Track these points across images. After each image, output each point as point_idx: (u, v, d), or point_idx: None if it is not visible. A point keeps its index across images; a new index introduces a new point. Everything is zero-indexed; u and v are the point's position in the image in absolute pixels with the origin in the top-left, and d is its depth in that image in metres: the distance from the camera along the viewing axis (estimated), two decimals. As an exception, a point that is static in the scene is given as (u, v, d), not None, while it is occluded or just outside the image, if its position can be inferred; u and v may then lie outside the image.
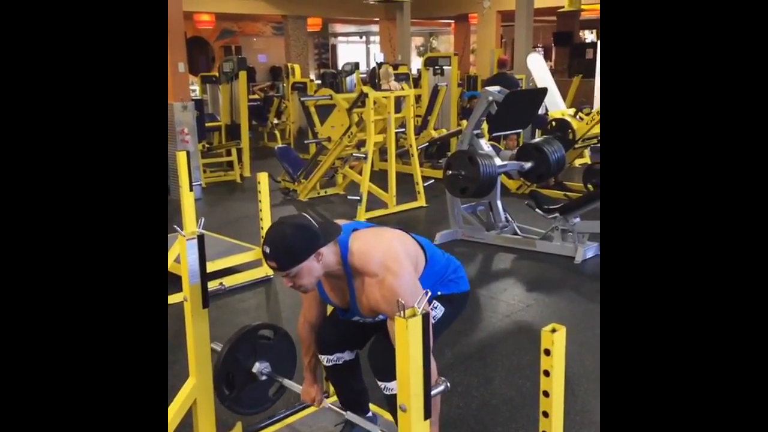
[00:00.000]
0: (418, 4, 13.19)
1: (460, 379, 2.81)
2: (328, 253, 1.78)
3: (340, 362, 2.10)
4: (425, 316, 1.35)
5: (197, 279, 2.00)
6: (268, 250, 1.74)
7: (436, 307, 1.95)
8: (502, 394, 2.70)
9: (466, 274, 2.09)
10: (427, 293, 1.41)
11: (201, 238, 2.00)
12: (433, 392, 1.44)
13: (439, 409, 1.95)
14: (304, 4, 13.80)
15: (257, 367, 2.18)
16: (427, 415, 1.40)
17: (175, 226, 2.12)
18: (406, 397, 1.37)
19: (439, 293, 1.96)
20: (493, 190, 4.74)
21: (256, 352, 2.19)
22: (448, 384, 1.55)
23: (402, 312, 1.33)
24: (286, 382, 2.22)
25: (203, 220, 2.17)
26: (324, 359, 2.12)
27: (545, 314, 3.57)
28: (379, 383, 1.93)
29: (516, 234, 4.86)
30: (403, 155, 6.92)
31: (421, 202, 6.13)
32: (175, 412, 2.06)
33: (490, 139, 6.86)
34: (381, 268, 1.75)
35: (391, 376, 1.81)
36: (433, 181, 6.47)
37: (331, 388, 2.39)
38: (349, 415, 2.09)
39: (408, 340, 1.34)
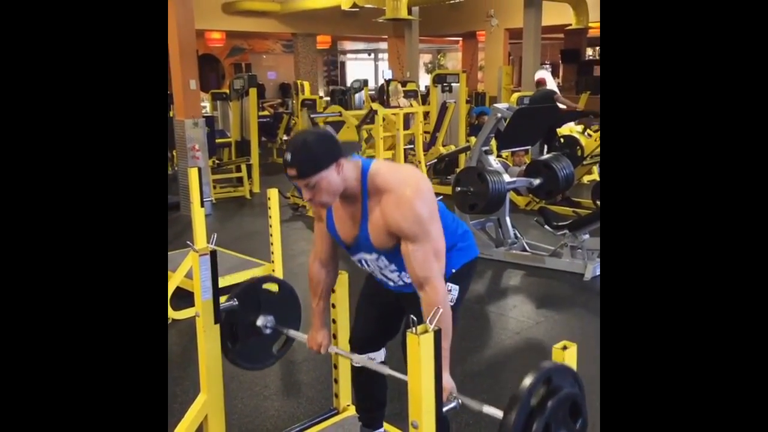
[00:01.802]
0: (427, 22, 13.31)
1: (470, 396, 2.79)
2: (349, 167, 1.74)
3: (371, 365, 2.06)
4: (437, 333, 1.36)
5: (209, 295, 2.02)
6: (289, 156, 1.68)
7: (450, 290, 1.89)
8: (512, 411, 2.69)
9: (475, 290, 2.08)
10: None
11: (213, 254, 2.02)
12: (444, 409, 1.44)
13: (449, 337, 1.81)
14: (314, 22, 13.95)
15: (262, 320, 2.16)
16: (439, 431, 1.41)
17: (188, 242, 2.14)
18: (418, 413, 1.38)
19: (453, 270, 1.90)
20: (502, 206, 4.75)
21: (261, 306, 2.17)
22: (460, 401, 1.55)
23: (414, 329, 1.34)
24: (292, 332, 2.19)
25: (215, 236, 2.18)
26: (355, 359, 2.05)
27: (555, 331, 3.55)
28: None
29: (525, 250, 4.86)
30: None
31: (430, 218, 6.13)
32: (186, 427, 2.07)
33: (498, 156, 6.91)
34: (401, 185, 1.71)
35: None
36: (441, 197, 6.44)
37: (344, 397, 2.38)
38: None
39: (420, 356, 1.34)
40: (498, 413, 1.47)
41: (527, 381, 1.39)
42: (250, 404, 2.83)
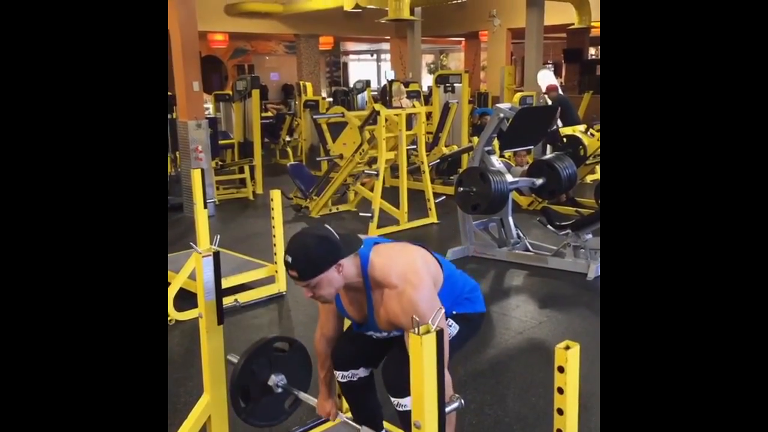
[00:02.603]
0: (429, 23, 13.30)
1: (473, 397, 2.80)
2: (349, 264, 1.81)
3: (355, 379, 2.11)
4: (440, 333, 1.36)
5: (212, 296, 2.03)
6: (290, 259, 1.76)
7: (451, 326, 1.96)
8: (515, 411, 2.69)
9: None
10: (441, 309, 1.42)
11: (216, 255, 2.02)
12: (447, 409, 1.44)
13: (454, 425, 1.95)
14: (316, 23, 13.96)
15: (273, 379, 2.18)
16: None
17: (192, 243, 2.14)
18: (420, 413, 1.38)
19: (454, 312, 1.97)
20: (505, 206, 4.75)
21: (272, 365, 2.19)
22: (462, 401, 1.55)
23: (417, 328, 1.35)
24: (302, 395, 2.22)
25: (218, 237, 2.19)
26: (339, 375, 2.12)
27: (558, 331, 3.55)
28: (392, 399, 1.93)
29: (528, 250, 4.86)
30: (414, 172, 6.95)
31: (433, 218, 6.14)
32: (189, 428, 2.07)
33: (501, 156, 6.91)
34: (401, 280, 1.77)
35: (404, 392, 1.82)
36: (444, 197, 6.49)
37: (345, 404, 2.39)
38: (364, 430, 2.08)
39: (422, 357, 1.35)
40: None
41: None
42: (254, 405, 2.83)
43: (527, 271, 4.66)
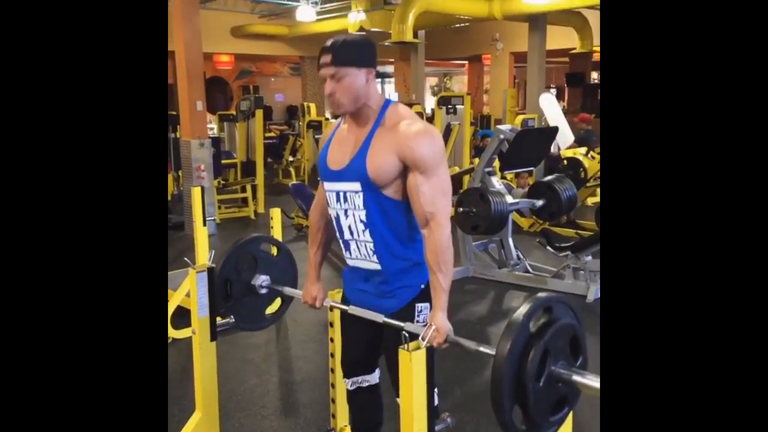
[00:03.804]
0: (433, 46, 13.45)
1: (469, 418, 2.77)
2: (376, 89, 1.73)
3: (365, 386, 2.04)
4: (429, 350, 1.35)
5: (206, 312, 2.02)
6: (329, 42, 1.69)
7: (421, 310, 1.82)
8: (512, 433, 2.66)
9: (477, 311, 2.07)
10: (431, 326, 1.41)
11: (211, 271, 2.03)
12: (437, 429, 1.43)
13: (450, 275, 1.74)
14: (321, 46, 14.11)
15: (257, 279, 2.15)
16: (431, 450, 1.39)
17: (186, 259, 2.14)
18: (409, 429, 1.37)
19: (422, 286, 1.82)
20: (505, 227, 4.75)
21: (258, 265, 2.16)
22: (453, 420, 1.54)
23: (406, 345, 1.34)
24: (287, 289, 2.17)
25: (213, 252, 2.19)
26: (348, 383, 2.05)
27: (557, 353, 3.52)
28: (398, 400, 1.87)
29: (527, 272, 4.84)
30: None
31: (434, 239, 6.12)
32: (180, 445, 2.05)
33: (502, 177, 6.92)
34: (419, 121, 1.71)
35: None
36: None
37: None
38: None
39: (412, 374, 1.34)
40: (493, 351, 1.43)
41: (525, 307, 1.35)
42: (248, 423, 2.81)
43: (527, 292, 4.64)
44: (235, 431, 2.72)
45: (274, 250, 2.27)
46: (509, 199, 4.64)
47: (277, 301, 2.29)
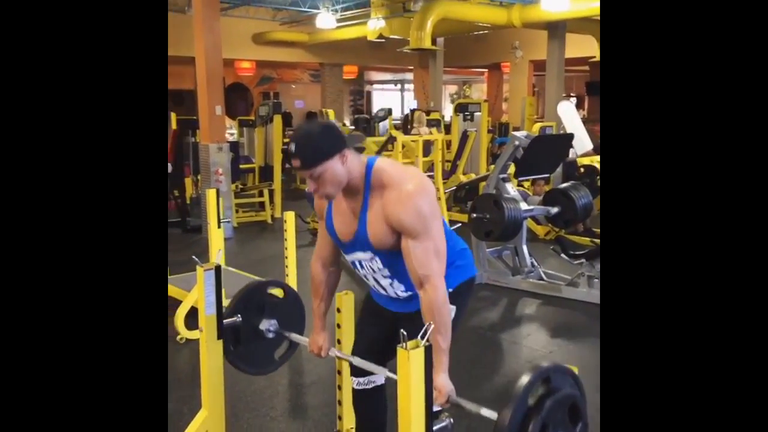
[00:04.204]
0: (452, 53, 13.46)
1: (476, 424, 2.75)
2: (354, 160, 1.73)
3: (370, 387, 2.06)
4: (428, 349, 1.36)
5: (213, 310, 2.04)
6: (293, 147, 1.68)
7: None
8: (519, 440, 2.64)
9: (489, 318, 2.05)
10: (429, 324, 1.41)
11: (218, 269, 2.05)
12: (435, 428, 1.43)
13: (449, 337, 1.74)
14: (341, 53, 14.21)
15: (265, 324, 2.15)
16: (429, 450, 1.39)
17: (194, 257, 2.17)
18: (407, 429, 1.37)
19: (450, 290, 1.84)
20: (519, 234, 4.72)
21: (265, 310, 2.16)
22: (452, 421, 1.53)
23: (404, 344, 1.34)
24: (294, 336, 2.17)
25: (221, 251, 2.22)
26: (355, 382, 2.06)
27: (568, 361, 3.48)
28: None
29: (542, 279, 4.81)
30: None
31: (448, 245, 6.11)
32: (186, 443, 2.07)
33: (519, 185, 6.89)
34: (404, 181, 1.69)
35: None
36: (460, 225, 6.46)
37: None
38: None
39: (410, 373, 1.34)
40: (495, 415, 1.44)
41: (524, 379, 1.36)
42: (256, 424, 2.82)
43: (540, 300, 4.60)
44: (243, 432, 2.74)
45: (281, 293, 2.26)
46: (523, 205, 4.61)
47: (286, 343, 2.29)
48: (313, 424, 2.83)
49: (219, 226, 3.89)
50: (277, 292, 2.24)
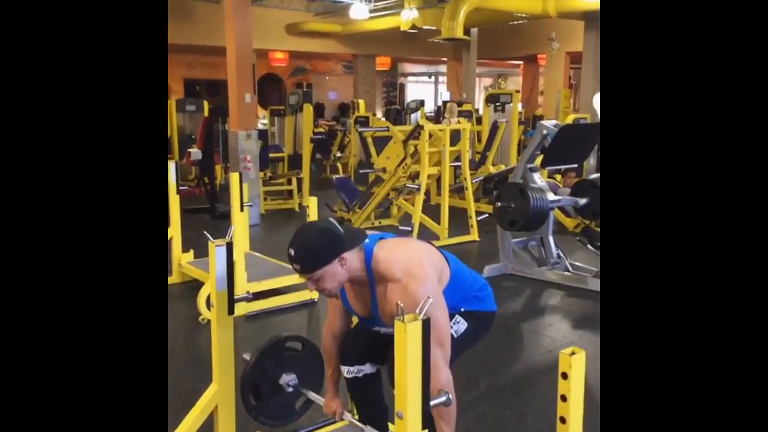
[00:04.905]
0: (486, 45, 13.30)
1: (491, 410, 2.72)
2: (353, 258, 1.78)
3: (360, 375, 2.09)
4: (426, 322, 1.33)
5: (224, 286, 2.05)
6: (293, 252, 1.75)
7: (458, 322, 1.92)
8: (534, 428, 2.60)
9: (511, 307, 2.06)
10: (430, 299, 1.39)
11: (229, 246, 2.05)
12: (432, 402, 1.41)
13: (453, 424, 1.82)
14: (373, 44, 14.18)
15: (284, 378, 2.18)
16: (425, 425, 1.37)
17: (206, 232, 2.18)
18: (403, 403, 1.35)
19: (462, 309, 1.93)
20: (545, 225, 4.65)
21: (284, 364, 2.19)
22: (450, 397, 1.51)
23: (402, 316, 1.32)
24: (311, 395, 2.21)
25: (233, 228, 2.23)
26: (345, 371, 2.11)
27: (590, 351, 3.40)
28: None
29: (567, 271, 4.72)
30: (459, 191, 6.91)
31: (474, 236, 6.06)
32: (195, 416, 2.09)
33: (550, 176, 6.77)
34: (404, 274, 1.74)
35: None
36: (487, 215, 6.40)
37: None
38: (369, 430, 2.05)
39: (406, 345, 1.32)
40: None
41: None
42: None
43: (565, 291, 4.52)
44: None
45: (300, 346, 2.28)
46: (550, 196, 4.53)
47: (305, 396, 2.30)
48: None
49: (242, 210, 3.93)
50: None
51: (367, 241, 1.83)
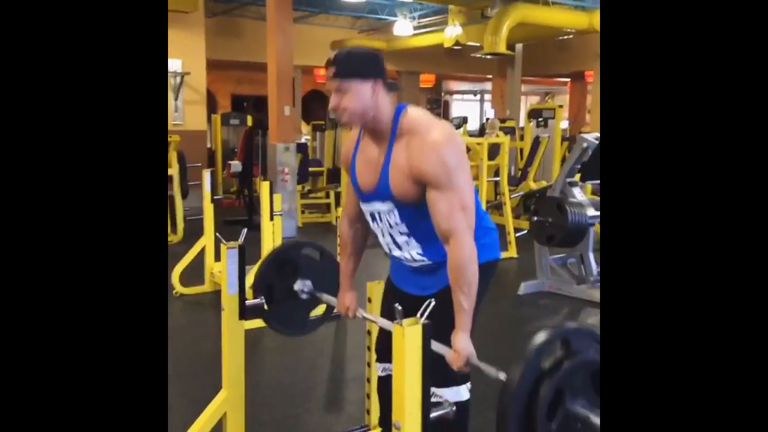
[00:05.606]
0: (532, 61, 13.14)
1: (492, 416, 2.58)
2: (385, 99, 1.67)
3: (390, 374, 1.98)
4: (426, 327, 1.25)
5: (235, 289, 2.01)
6: (334, 55, 1.66)
7: None
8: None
9: (545, 323, 1.93)
10: (429, 302, 1.31)
11: (242, 248, 2.01)
12: (432, 414, 1.31)
13: (473, 296, 1.61)
14: (417, 61, 14.21)
15: (299, 284, 2.10)
16: (425, 438, 1.28)
17: (217, 234, 2.15)
18: (401, 414, 1.26)
19: None
20: (585, 241, 4.47)
21: (299, 270, 2.11)
22: (454, 408, 1.41)
23: (400, 320, 1.24)
24: (325, 296, 2.11)
25: (245, 230, 2.19)
26: (380, 368, 1.99)
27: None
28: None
29: (608, 290, 4.52)
30: (498, 207, 6.77)
31: (512, 252, 5.90)
32: (204, 422, 2.05)
33: (593, 193, 6.56)
34: (431, 129, 1.62)
35: (440, 381, 1.67)
36: (526, 232, 6.24)
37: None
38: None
39: (404, 350, 1.24)
40: None
41: (538, 338, 1.20)
42: (290, 414, 2.79)
43: (604, 311, 4.32)
44: (276, 423, 2.70)
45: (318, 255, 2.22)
46: (591, 211, 4.36)
47: (323, 306, 2.24)
48: (347, 418, 2.76)
49: (271, 219, 3.91)
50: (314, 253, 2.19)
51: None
